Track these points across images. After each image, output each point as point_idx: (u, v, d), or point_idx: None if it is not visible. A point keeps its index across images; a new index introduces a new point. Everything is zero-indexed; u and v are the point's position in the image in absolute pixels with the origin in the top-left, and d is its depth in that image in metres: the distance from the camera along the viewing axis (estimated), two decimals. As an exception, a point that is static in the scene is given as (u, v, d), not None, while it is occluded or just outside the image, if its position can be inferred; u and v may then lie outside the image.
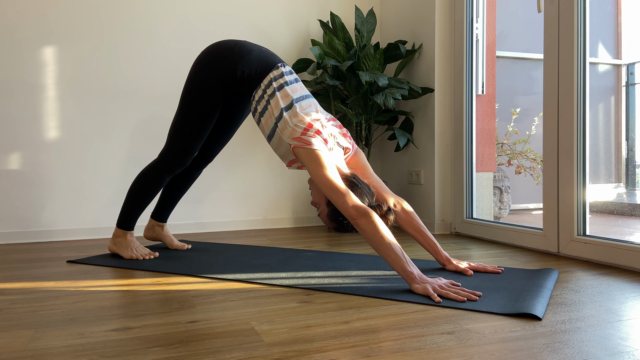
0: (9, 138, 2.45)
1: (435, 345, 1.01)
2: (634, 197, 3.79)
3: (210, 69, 1.76)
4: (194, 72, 1.80)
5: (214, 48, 1.80)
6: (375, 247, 1.43)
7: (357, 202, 1.46)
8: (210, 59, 1.78)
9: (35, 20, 2.48)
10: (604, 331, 1.09)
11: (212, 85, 1.76)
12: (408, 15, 2.84)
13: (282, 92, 1.68)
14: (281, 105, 1.65)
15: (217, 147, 2.04)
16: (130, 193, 1.92)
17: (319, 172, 1.52)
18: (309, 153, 1.55)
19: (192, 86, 1.79)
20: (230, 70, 1.73)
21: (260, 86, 1.71)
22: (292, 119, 1.63)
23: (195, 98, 1.79)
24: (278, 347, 1.00)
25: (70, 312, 1.26)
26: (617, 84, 3.92)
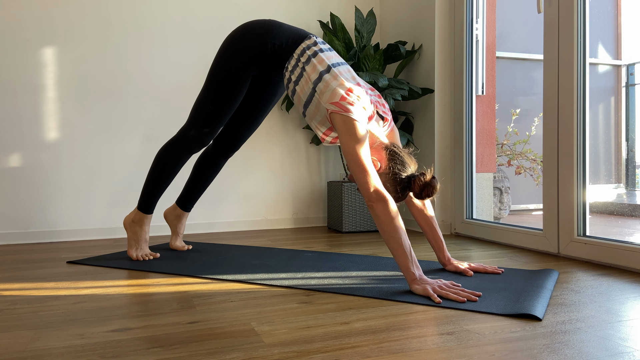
0: (10, 138, 2.45)
1: (436, 345, 1.01)
2: (634, 198, 3.79)
3: (240, 44, 1.72)
4: (223, 49, 1.75)
5: (244, 26, 1.76)
6: (385, 238, 1.42)
7: (380, 187, 1.43)
8: (240, 35, 1.73)
9: (36, 21, 2.48)
10: (604, 332, 1.09)
11: (241, 62, 1.71)
12: (408, 15, 2.84)
13: (317, 58, 1.62)
14: (319, 69, 1.59)
15: (244, 135, 2.00)
16: (149, 173, 1.89)
17: (350, 144, 1.47)
18: (345, 121, 1.49)
19: (220, 63, 1.74)
20: (261, 43, 1.69)
21: (293, 56, 1.65)
22: (332, 81, 1.56)
23: (222, 76, 1.74)
24: (278, 348, 1.00)
25: (70, 312, 1.26)
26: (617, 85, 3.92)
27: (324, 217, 3.04)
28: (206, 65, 2.76)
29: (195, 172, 2.06)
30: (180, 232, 2.15)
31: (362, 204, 2.68)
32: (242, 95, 1.78)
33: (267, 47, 1.68)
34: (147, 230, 1.95)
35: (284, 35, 1.69)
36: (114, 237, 2.60)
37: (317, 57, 1.63)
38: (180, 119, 2.72)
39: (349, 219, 2.67)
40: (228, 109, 1.78)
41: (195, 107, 1.80)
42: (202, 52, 2.76)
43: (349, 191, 2.66)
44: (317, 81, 1.59)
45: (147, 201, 1.91)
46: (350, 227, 2.67)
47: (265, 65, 1.73)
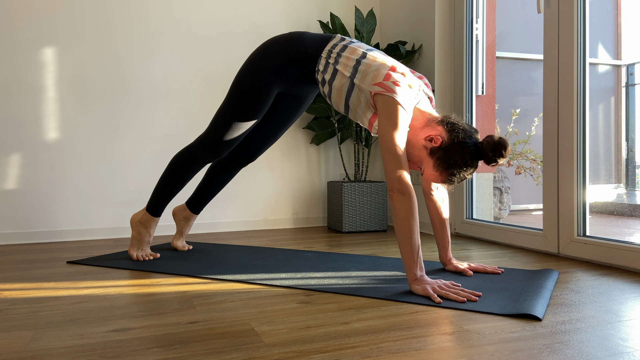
0: (10, 139, 2.45)
1: (436, 345, 1.01)
2: (634, 198, 3.79)
3: (264, 59, 1.68)
4: (247, 63, 1.71)
5: (267, 41, 1.72)
6: (397, 232, 1.40)
7: (406, 179, 1.40)
8: (263, 50, 1.70)
9: (35, 21, 2.48)
10: (604, 332, 1.09)
11: (265, 77, 1.67)
12: (408, 15, 2.84)
13: (348, 50, 1.58)
14: (354, 58, 1.55)
15: (263, 148, 1.97)
16: (162, 178, 1.87)
17: (387, 128, 1.42)
18: (387, 102, 1.44)
19: (244, 78, 1.70)
20: (285, 54, 1.65)
21: (321, 56, 1.61)
22: (371, 63, 1.51)
23: (244, 90, 1.70)
24: (278, 348, 1.00)
25: (70, 312, 1.26)
26: (617, 85, 3.93)
27: (324, 217, 3.04)
28: (206, 64, 2.76)
29: (208, 177, 2.03)
30: (185, 232, 2.15)
31: (362, 204, 2.68)
32: (264, 111, 1.74)
33: (291, 56, 1.65)
34: (152, 233, 1.95)
35: (308, 41, 1.65)
36: (114, 237, 2.60)
37: (347, 50, 1.59)
38: (180, 119, 2.72)
39: (349, 219, 2.67)
40: (248, 124, 1.74)
41: (216, 118, 1.75)
42: (202, 52, 2.76)
43: (349, 191, 2.66)
44: (354, 71, 1.53)
45: (157, 204, 1.89)
46: (350, 227, 2.67)
47: (291, 77, 1.69)
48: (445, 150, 1.46)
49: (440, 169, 1.47)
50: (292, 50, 1.65)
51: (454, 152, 1.45)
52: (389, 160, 1.41)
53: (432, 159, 1.48)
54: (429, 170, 1.50)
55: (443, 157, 1.46)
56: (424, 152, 1.49)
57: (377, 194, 2.71)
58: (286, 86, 1.74)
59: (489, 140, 1.44)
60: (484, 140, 1.46)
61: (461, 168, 1.45)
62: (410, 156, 1.53)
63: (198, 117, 2.75)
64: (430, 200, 1.69)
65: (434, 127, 1.49)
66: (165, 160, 2.69)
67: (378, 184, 2.71)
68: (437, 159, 1.47)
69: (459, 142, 1.45)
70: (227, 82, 2.80)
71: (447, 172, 1.47)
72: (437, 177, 1.50)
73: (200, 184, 2.06)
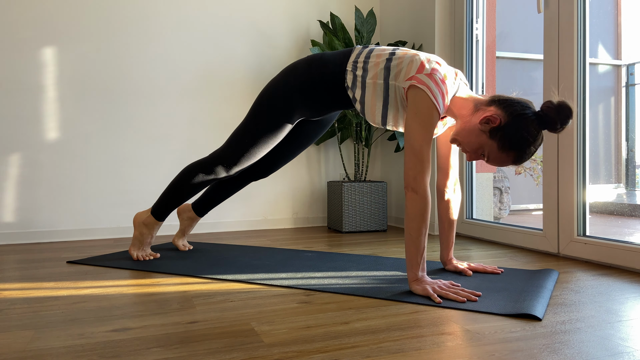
0: (9, 138, 2.45)
1: (436, 345, 1.01)
2: (634, 198, 3.79)
3: (287, 84, 1.62)
4: (270, 88, 1.65)
5: (288, 68, 1.66)
6: (405, 230, 1.39)
7: (423, 180, 1.36)
8: (285, 74, 1.64)
9: (35, 21, 2.48)
10: (604, 332, 1.09)
11: (287, 106, 1.62)
12: (408, 15, 2.84)
13: (373, 56, 1.51)
14: (382, 63, 1.49)
15: (277, 166, 1.93)
16: (172, 185, 1.84)
17: (413, 124, 1.37)
18: (417, 95, 1.38)
19: (265, 103, 1.64)
20: (309, 80, 1.59)
21: (347, 70, 1.54)
22: (403, 56, 1.46)
23: (264, 116, 1.64)
24: (278, 348, 1.00)
25: (70, 312, 1.26)
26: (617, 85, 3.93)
27: (323, 217, 3.04)
28: (206, 64, 2.76)
29: (218, 185, 2.01)
30: (187, 232, 2.14)
31: (362, 204, 2.68)
32: (281, 137, 1.68)
33: (315, 81, 1.58)
34: (154, 235, 1.95)
35: (328, 61, 1.59)
36: (114, 237, 2.60)
37: (372, 56, 1.52)
38: (180, 118, 2.72)
39: (349, 219, 2.67)
40: (265, 149, 1.69)
41: (233, 137, 1.71)
42: (202, 52, 2.76)
43: (349, 191, 2.66)
44: (386, 72, 1.47)
45: (162, 210, 1.88)
46: (350, 227, 2.67)
47: (315, 103, 1.63)
48: (506, 128, 1.35)
49: (507, 149, 1.36)
50: (314, 74, 1.58)
51: (516, 127, 1.34)
52: (409, 157, 1.38)
53: (495, 141, 1.37)
54: (494, 154, 1.39)
55: (506, 135, 1.35)
56: (483, 136, 1.38)
57: (377, 194, 2.71)
58: (309, 114, 1.69)
59: (549, 104, 1.33)
60: (542, 107, 1.35)
61: (529, 143, 1.35)
62: (469, 145, 1.41)
63: (198, 117, 2.75)
64: (443, 199, 1.67)
65: (486, 109, 1.39)
66: (165, 160, 2.69)
67: (378, 184, 2.71)
68: (500, 140, 1.36)
69: (518, 116, 1.35)
70: (227, 82, 2.80)
71: (514, 150, 1.36)
72: (504, 158, 1.39)
73: (208, 189, 2.04)
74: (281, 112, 1.63)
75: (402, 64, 1.46)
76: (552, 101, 1.33)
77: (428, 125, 1.38)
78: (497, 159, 1.40)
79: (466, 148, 1.43)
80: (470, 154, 1.44)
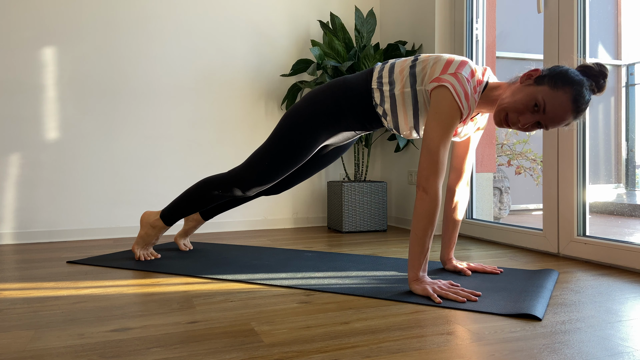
0: (9, 138, 2.45)
1: (435, 345, 1.01)
2: (634, 198, 3.79)
3: (312, 113, 1.58)
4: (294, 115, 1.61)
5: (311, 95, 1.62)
6: (412, 229, 1.38)
7: (435, 181, 1.35)
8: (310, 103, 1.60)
9: (36, 21, 2.48)
10: (604, 332, 1.09)
11: (313, 133, 1.58)
12: (408, 15, 2.84)
13: (397, 66, 1.49)
14: (407, 64, 1.47)
15: (293, 184, 1.91)
16: (186, 195, 1.82)
17: (432, 123, 1.35)
18: (439, 94, 1.34)
19: (290, 128, 1.60)
20: (334, 99, 1.56)
21: (373, 89, 1.51)
22: (427, 59, 1.44)
23: (288, 142, 1.60)
24: (278, 348, 1.00)
25: (70, 312, 1.26)
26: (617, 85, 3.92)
27: (323, 217, 3.04)
28: (206, 64, 2.76)
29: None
30: (190, 233, 2.15)
31: (362, 204, 2.68)
32: (303, 161, 1.65)
33: (343, 108, 1.55)
34: (159, 237, 1.95)
35: (352, 85, 1.55)
36: (114, 237, 2.60)
37: (395, 67, 1.49)
38: (180, 118, 2.72)
39: (349, 219, 2.67)
40: (284, 173, 1.67)
41: (253, 160, 1.68)
42: (202, 52, 2.76)
43: (349, 191, 2.66)
44: (412, 79, 1.44)
45: (172, 216, 1.87)
46: (350, 227, 2.67)
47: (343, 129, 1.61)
48: (551, 71, 1.30)
49: (561, 85, 1.27)
50: (340, 99, 1.55)
51: (561, 70, 1.30)
52: (424, 156, 1.36)
53: (544, 84, 1.28)
54: (549, 97, 1.27)
55: (554, 75, 1.29)
56: (531, 88, 1.30)
57: (377, 194, 2.71)
58: (333, 141, 1.68)
59: (586, 64, 1.31)
60: (581, 66, 1.32)
61: (580, 80, 1.28)
62: (518, 104, 1.31)
63: (198, 117, 2.75)
64: (452, 199, 1.66)
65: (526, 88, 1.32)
66: (165, 160, 2.69)
67: (378, 184, 2.71)
68: (550, 80, 1.28)
69: (556, 66, 1.33)
70: (227, 82, 2.80)
71: (569, 85, 1.27)
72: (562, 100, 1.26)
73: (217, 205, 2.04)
74: (305, 139, 1.59)
75: (427, 67, 1.43)
76: (588, 66, 1.31)
77: (447, 125, 1.35)
78: (554, 103, 1.27)
79: (516, 109, 1.32)
80: (523, 115, 1.31)
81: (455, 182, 1.65)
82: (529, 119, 1.31)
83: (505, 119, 1.35)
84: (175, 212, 1.86)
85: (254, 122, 2.88)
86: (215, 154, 2.79)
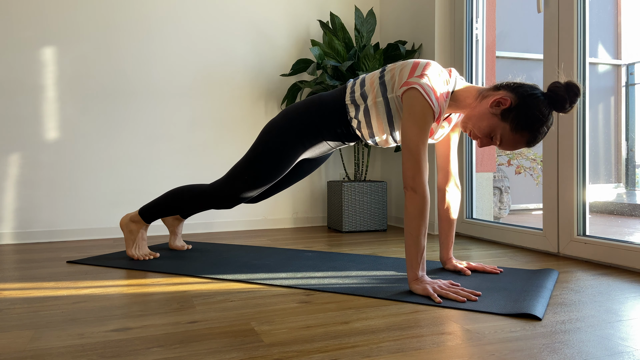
0: (9, 138, 2.45)
1: (435, 345, 1.01)
2: (634, 197, 3.79)
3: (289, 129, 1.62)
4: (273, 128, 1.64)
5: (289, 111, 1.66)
6: (405, 230, 1.40)
7: (421, 179, 1.37)
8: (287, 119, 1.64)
9: (35, 21, 2.48)
10: (604, 331, 1.09)
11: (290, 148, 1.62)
12: (408, 15, 2.84)
13: (367, 79, 1.55)
14: (376, 75, 1.52)
15: (271, 194, 1.92)
16: (165, 198, 1.84)
17: (408, 124, 1.38)
18: (410, 96, 1.38)
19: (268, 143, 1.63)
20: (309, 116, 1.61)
21: (347, 104, 1.56)
22: (394, 67, 1.49)
23: (266, 157, 1.63)
24: (278, 348, 1.00)
25: (70, 312, 1.26)
26: (617, 84, 3.93)
27: (323, 217, 3.04)
28: (206, 64, 2.76)
29: None
30: (178, 232, 2.15)
31: (362, 204, 2.68)
32: (282, 175, 1.69)
33: (315, 119, 1.60)
34: (144, 236, 1.95)
35: (328, 101, 1.60)
36: (113, 237, 2.60)
37: (366, 80, 1.55)
38: (180, 118, 2.72)
39: (349, 219, 2.67)
40: (263, 187, 1.70)
41: (233, 172, 1.70)
42: (202, 52, 2.76)
43: (349, 191, 2.66)
44: (383, 90, 1.49)
45: (152, 215, 1.88)
46: (350, 227, 2.67)
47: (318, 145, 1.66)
48: (518, 108, 1.35)
49: (520, 130, 1.36)
50: (315, 116, 1.60)
51: (528, 106, 1.35)
52: (406, 157, 1.39)
53: (507, 122, 1.37)
54: (507, 136, 1.38)
55: (518, 115, 1.35)
56: (495, 119, 1.38)
57: (377, 194, 2.71)
58: (310, 154, 1.71)
59: (557, 84, 1.35)
60: (550, 87, 1.36)
61: (542, 122, 1.35)
62: (480, 130, 1.41)
63: (198, 117, 2.75)
64: (444, 198, 1.68)
65: (494, 93, 1.40)
66: (165, 160, 2.69)
67: (378, 184, 2.71)
68: (513, 121, 1.36)
69: (528, 96, 1.36)
70: (227, 82, 2.80)
71: (528, 130, 1.35)
72: (518, 140, 1.38)
73: None
74: (283, 155, 1.63)
75: (395, 75, 1.48)
76: (559, 81, 1.35)
77: (422, 124, 1.38)
78: (509, 141, 1.39)
79: (477, 133, 1.43)
80: (481, 139, 1.43)
81: (445, 182, 1.68)
82: (485, 143, 1.45)
83: (469, 133, 1.47)
84: (155, 212, 1.88)
85: (254, 122, 2.88)
86: (215, 154, 2.79)
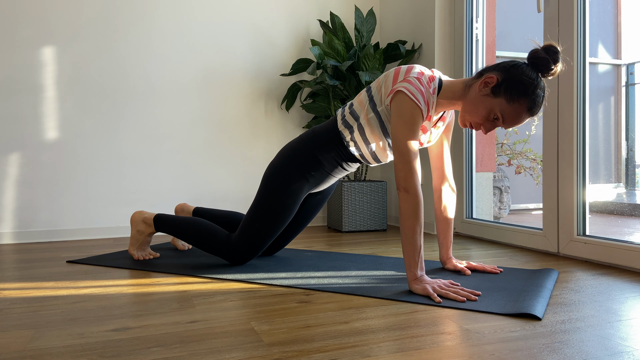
0: (9, 138, 2.45)
1: (435, 345, 1.01)
2: (634, 197, 3.79)
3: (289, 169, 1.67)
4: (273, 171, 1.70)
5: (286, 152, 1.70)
6: (401, 230, 1.40)
7: (413, 178, 1.38)
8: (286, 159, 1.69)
9: (35, 21, 2.48)
10: (604, 331, 1.09)
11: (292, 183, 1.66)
12: (408, 15, 2.84)
13: (355, 101, 1.61)
14: (364, 94, 1.57)
15: (285, 242, 1.95)
16: (187, 223, 1.81)
17: (397, 126, 1.40)
18: (397, 100, 1.41)
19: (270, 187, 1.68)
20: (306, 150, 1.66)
21: (341, 132, 1.62)
22: (378, 80, 1.53)
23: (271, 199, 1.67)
24: (278, 347, 1.00)
25: (70, 312, 1.26)
26: (617, 84, 3.92)
27: (324, 217, 3.04)
28: (206, 64, 2.76)
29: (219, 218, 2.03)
30: None
31: (362, 204, 2.68)
32: (292, 216, 1.73)
33: (314, 152, 1.65)
34: (150, 239, 1.94)
35: (319, 130, 1.67)
36: (114, 237, 2.60)
37: (353, 103, 1.60)
38: (180, 118, 2.72)
39: (349, 219, 2.67)
40: (278, 228, 1.72)
41: (245, 224, 1.71)
42: (202, 52, 2.76)
43: (349, 191, 2.66)
44: (372, 105, 1.53)
45: (164, 228, 1.86)
46: (350, 227, 2.67)
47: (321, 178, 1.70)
48: (506, 81, 1.36)
49: (516, 98, 1.35)
50: (311, 148, 1.65)
51: (515, 75, 1.36)
52: (397, 158, 1.41)
53: (501, 97, 1.36)
54: (506, 109, 1.37)
55: (509, 86, 1.35)
56: (488, 99, 1.38)
57: (377, 194, 2.71)
58: (314, 188, 1.74)
59: (534, 49, 1.37)
60: (529, 54, 1.38)
61: (534, 85, 1.35)
62: (479, 115, 1.41)
63: (198, 117, 2.75)
64: (439, 197, 1.69)
65: (477, 80, 1.42)
66: (165, 160, 2.69)
67: (378, 184, 2.71)
68: (506, 93, 1.36)
69: (512, 67, 1.37)
70: (227, 81, 2.80)
71: (524, 96, 1.35)
72: (518, 109, 1.36)
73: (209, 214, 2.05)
74: (289, 191, 1.68)
75: (381, 86, 1.52)
76: (536, 48, 1.38)
77: (411, 125, 1.40)
78: (510, 114, 1.38)
79: (477, 119, 1.42)
80: (483, 125, 1.42)
81: (440, 182, 1.69)
82: (489, 127, 1.43)
83: (470, 125, 1.46)
84: (166, 227, 1.85)
85: (254, 121, 2.88)
86: (215, 154, 2.79)
